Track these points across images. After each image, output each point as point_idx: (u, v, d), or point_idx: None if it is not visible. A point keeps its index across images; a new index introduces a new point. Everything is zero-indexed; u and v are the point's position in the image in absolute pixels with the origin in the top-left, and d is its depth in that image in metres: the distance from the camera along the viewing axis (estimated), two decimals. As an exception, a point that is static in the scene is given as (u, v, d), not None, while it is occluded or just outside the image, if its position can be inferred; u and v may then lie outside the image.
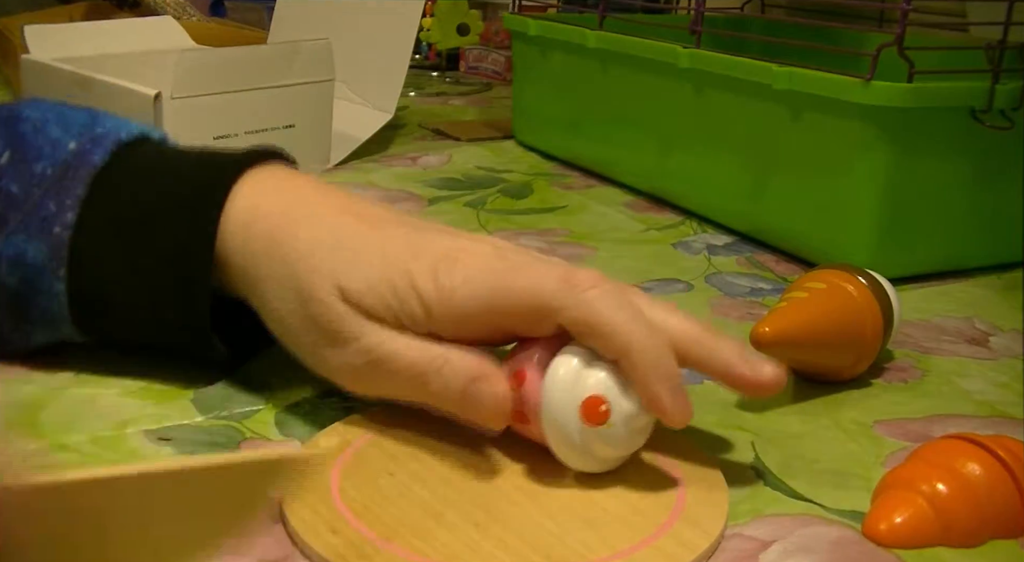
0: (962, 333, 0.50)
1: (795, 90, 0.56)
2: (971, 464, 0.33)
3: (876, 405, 0.42)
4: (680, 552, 0.30)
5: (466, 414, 0.34)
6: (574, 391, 0.32)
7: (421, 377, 0.34)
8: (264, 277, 0.36)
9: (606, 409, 0.32)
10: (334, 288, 0.35)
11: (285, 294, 0.36)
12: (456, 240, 0.36)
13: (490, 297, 0.34)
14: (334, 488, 0.32)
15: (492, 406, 0.33)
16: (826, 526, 0.33)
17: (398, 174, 0.76)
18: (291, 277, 0.36)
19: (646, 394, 0.32)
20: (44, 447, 0.35)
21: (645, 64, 0.68)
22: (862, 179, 0.54)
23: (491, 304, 0.34)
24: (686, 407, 0.33)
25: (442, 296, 0.34)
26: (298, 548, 0.30)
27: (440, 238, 0.36)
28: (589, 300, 0.33)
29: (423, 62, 1.29)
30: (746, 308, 0.52)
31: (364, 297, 0.35)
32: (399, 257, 0.35)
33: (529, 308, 0.34)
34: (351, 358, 0.35)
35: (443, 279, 0.34)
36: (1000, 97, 0.53)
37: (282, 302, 0.36)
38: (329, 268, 0.35)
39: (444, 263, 0.35)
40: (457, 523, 0.31)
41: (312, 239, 0.36)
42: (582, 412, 0.32)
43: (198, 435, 0.36)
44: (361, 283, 0.35)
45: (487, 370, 0.34)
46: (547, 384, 0.33)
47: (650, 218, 0.67)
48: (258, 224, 0.37)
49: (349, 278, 0.35)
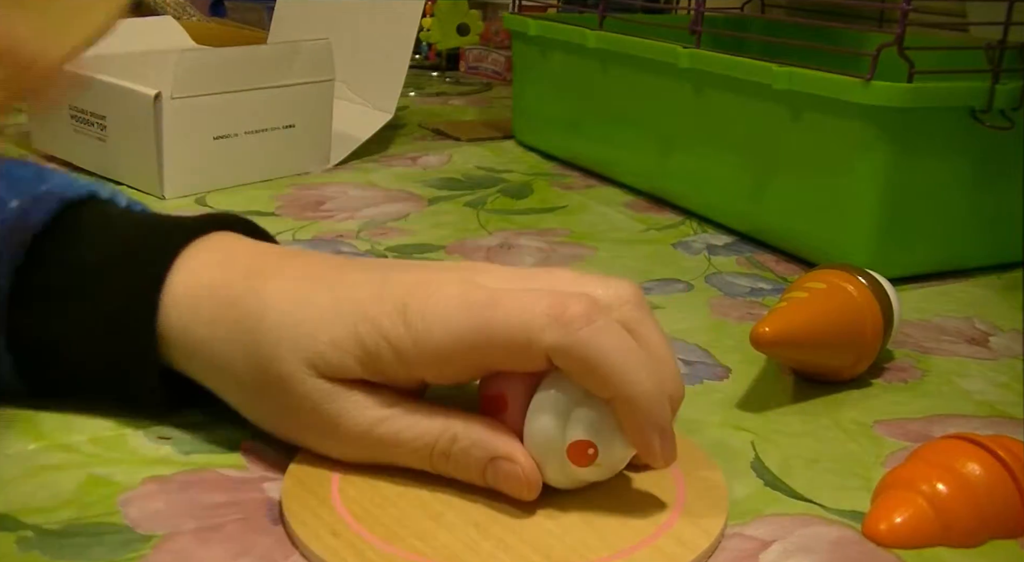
0: (962, 333, 0.50)
1: (795, 90, 0.56)
2: (971, 464, 0.33)
3: (876, 405, 0.42)
4: (680, 552, 0.30)
5: (489, 485, 0.32)
6: (561, 434, 0.31)
7: (426, 460, 0.32)
8: (220, 363, 0.34)
9: (594, 452, 0.31)
10: (301, 364, 0.32)
11: (245, 377, 0.33)
12: (423, 273, 0.33)
13: (470, 336, 0.31)
14: (334, 490, 0.32)
15: (519, 487, 0.31)
16: (826, 526, 0.33)
17: (398, 174, 0.76)
18: (250, 357, 0.33)
19: (637, 440, 0.31)
20: (44, 447, 0.35)
21: (645, 64, 0.68)
22: (862, 179, 0.54)
23: (472, 343, 0.31)
24: (673, 452, 0.31)
25: (416, 340, 0.31)
26: (299, 551, 0.30)
27: (405, 274, 0.33)
28: (584, 341, 0.30)
29: (423, 62, 1.29)
30: (746, 308, 0.52)
31: (333, 360, 0.32)
32: (360, 304, 0.32)
33: (515, 346, 0.30)
34: (339, 445, 0.33)
35: (414, 320, 0.31)
36: (1000, 97, 0.53)
37: (242, 387, 0.34)
38: (288, 341, 0.32)
39: (413, 302, 0.31)
40: (457, 523, 0.31)
41: (265, 311, 0.33)
42: (570, 456, 0.31)
43: (198, 434, 0.36)
44: (327, 346, 0.32)
45: (505, 447, 0.31)
46: (531, 424, 0.31)
47: (650, 218, 0.67)
48: (203, 301, 0.34)
49: (313, 345, 0.32)
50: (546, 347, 0.30)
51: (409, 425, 0.32)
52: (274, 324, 0.33)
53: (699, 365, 0.45)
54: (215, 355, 0.34)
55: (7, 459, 0.34)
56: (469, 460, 0.32)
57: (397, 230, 0.62)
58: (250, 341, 0.33)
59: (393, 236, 0.61)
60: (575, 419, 0.31)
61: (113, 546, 0.30)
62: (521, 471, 0.31)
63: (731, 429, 0.39)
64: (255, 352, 0.33)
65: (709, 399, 0.41)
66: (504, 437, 0.32)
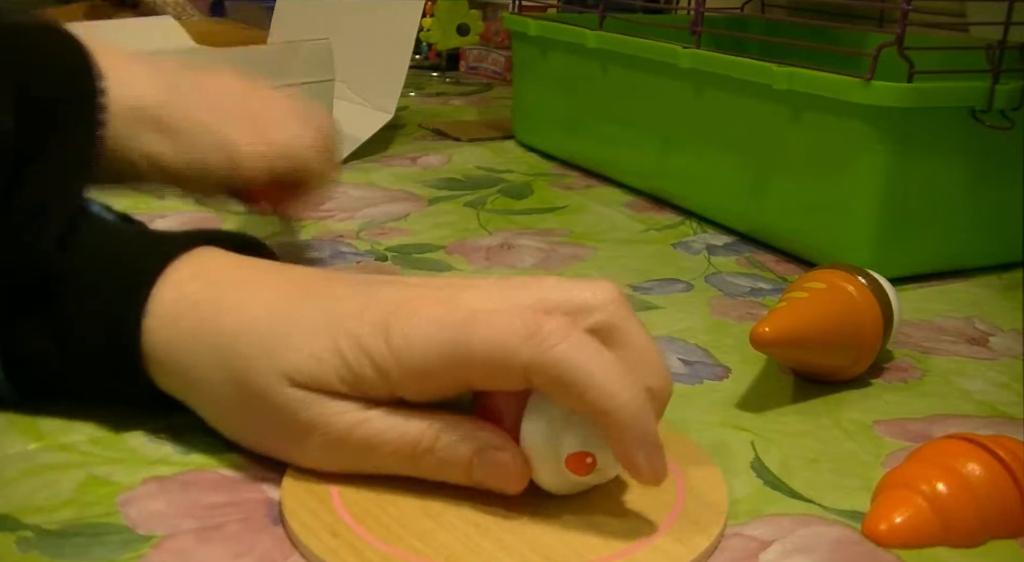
0: (962, 333, 0.50)
1: (795, 90, 0.56)
2: (971, 464, 0.33)
3: (876, 405, 0.42)
4: (680, 552, 0.30)
5: (475, 483, 0.32)
6: (557, 443, 0.31)
7: (410, 461, 0.32)
8: (198, 377, 0.34)
9: (592, 461, 0.31)
10: (278, 375, 0.32)
11: (222, 390, 0.33)
12: (407, 291, 0.33)
13: (450, 353, 0.30)
14: (334, 491, 0.32)
15: (507, 477, 0.31)
16: (826, 526, 0.33)
17: (398, 174, 0.76)
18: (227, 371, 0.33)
19: (620, 455, 0.30)
20: (44, 447, 0.35)
21: (645, 64, 0.68)
22: (862, 179, 0.54)
23: (452, 362, 0.31)
24: (661, 468, 0.30)
25: (398, 357, 0.31)
26: (298, 551, 0.30)
27: (388, 290, 0.33)
28: (558, 358, 0.29)
29: (423, 62, 1.29)
30: (746, 308, 0.52)
31: (313, 372, 0.31)
32: (343, 319, 0.32)
33: (493, 365, 0.30)
34: (320, 454, 0.33)
35: (396, 338, 0.31)
36: (1000, 97, 0.53)
37: (219, 401, 0.34)
38: (266, 353, 0.32)
39: (395, 319, 0.31)
40: (457, 523, 0.31)
41: (240, 324, 0.33)
42: (569, 466, 0.31)
43: (198, 435, 0.36)
44: (307, 359, 0.32)
45: (492, 438, 0.32)
46: (526, 433, 0.31)
47: (650, 218, 0.67)
48: (182, 317, 0.34)
49: (292, 357, 0.32)
50: (522, 365, 0.30)
51: (391, 425, 0.32)
52: (254, 340, 0.33)
53: (699, 365, 0.45)
54: (192, 369, 0.34)
55: (7, 459, 0.34)
56: (455, 455, 0.32)
57: (397, 230, 0.62)
58: (228, 355, 0.33)
59: (393, 236, 0.61)
60: (570, 428, 0.31)
61: (113, 546, 0.30)
62: (510, 459, 0.31)
63: (731, 429, 0.39)
64: (231, 366, 0.33)
65: (709, 399, 0.41)
66: (490, 431, 0.32)
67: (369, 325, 0.31)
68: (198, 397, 0.35)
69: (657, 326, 0.49)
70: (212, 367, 0.33)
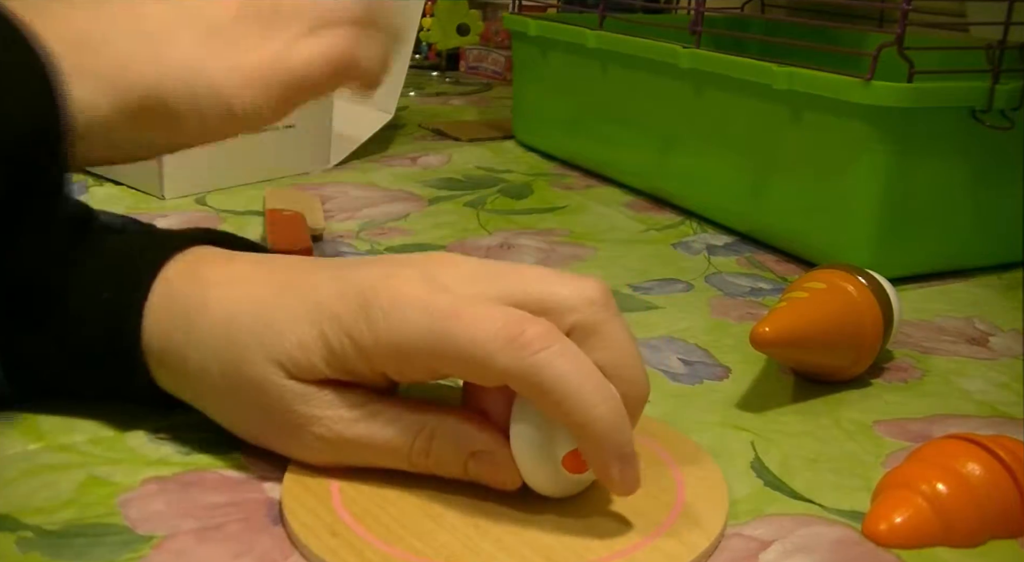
0: (962, 333, 0.50)
1: (795, 90, 0.56)
2: (971, 464, 0.33)
3: (876, 405, 0.42)
4: (680, 552, 0.30)
5: (471, 478, 0.32)
6: (549, 444, 0.31)
7: (405, 457, 0.32)
8: (195, 370, 0.34)
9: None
10: (271, 364, 0.32)
11: (220, 383, 0.33)
12: (385, 267, 0.33)
13: (429, 343, 0.30)
14: (334, 491, 0.32)
15: (502, 476, 0.32)
16: (826, 526, 0.33)
17: (398, 174, 0.76)
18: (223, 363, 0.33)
19: (594, 464, 0.30)
20: (44, 447, 0.35)
21: (645, 64, 0.68)
22: (862, 179, 0.54)
23: (430, 351, 0.31)
24: (634, 480, 0.30)
25: (377, 336, 0.31)
26: (298, 551, 0.30)
27: (367, 270, 0.33)
28: (538, 366, 0.29)
29: (423, 62, 1.29)
30: (746, 308, 0.52)
31: (301, 358, 0.32)
32: (324, 303, 0.32)
33: (470, 363, 0.30)
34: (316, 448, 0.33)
35: (376, 316, 0.31)
36: (1000, 97, 0.53)
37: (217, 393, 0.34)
38: (257, 342, 0.32)
39: (375, 298, 0.31)
40: (457, 524, 0.31)
41: (234, 316, 0.33)
42: (567, 466, 0.31)
43: (198, 435, 0.36)
44: (295, 347, 0.32)
45: (485, 441, 0.32)
46: (516, 435, 0.31)
47: (650, 218, 0.67)
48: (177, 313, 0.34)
49: (283, 347, 0.32)
50: (501, 369, 0.30)
51: (386, 422, 0.32)
52: (243, 329, 0.33)
53: (699, 365, 0.45)
54: (190, 363, 0.34)
55: (7, 459, 0.34)
56: (449, 454, 0.32)
57: (397, 230, 0.62)
58: (222, 347, 0.33)
59: (393, 236, 0.61)
60: (559, 428, 0.31)
61: (113, 546, 0.30)
62: (505, 459, 0.31)
63: (731, 429, 0.39)
64: (226, 358, 0.33)
65: (709, 399, 0.41)
66: (482, 431, 0.32)
67: (349, 304, 0.32)
68: (196, 390, 0.35)
69: (657, 326, 0.49)
70: (208, 359, 0.33)
